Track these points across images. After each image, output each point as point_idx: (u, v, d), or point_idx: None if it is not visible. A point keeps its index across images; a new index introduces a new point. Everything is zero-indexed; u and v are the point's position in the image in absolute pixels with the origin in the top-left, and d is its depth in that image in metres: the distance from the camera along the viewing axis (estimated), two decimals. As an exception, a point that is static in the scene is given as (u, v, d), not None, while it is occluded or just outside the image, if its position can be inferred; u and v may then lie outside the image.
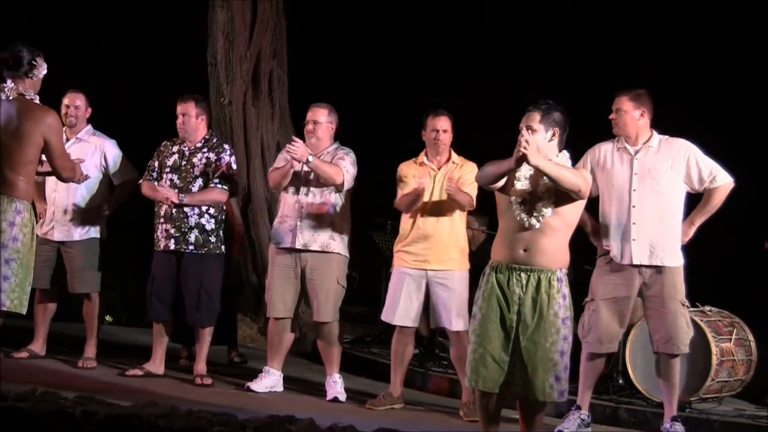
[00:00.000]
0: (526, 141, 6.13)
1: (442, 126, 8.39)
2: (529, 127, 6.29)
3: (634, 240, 7.71)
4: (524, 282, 6.31)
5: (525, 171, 6.37)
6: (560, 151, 6.42)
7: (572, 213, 6.41)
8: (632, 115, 7.82)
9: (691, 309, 8.85)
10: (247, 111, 11.67)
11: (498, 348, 6.31)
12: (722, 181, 7.76)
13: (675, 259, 7.75)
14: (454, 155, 8.46)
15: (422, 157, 8.47)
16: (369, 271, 11.29)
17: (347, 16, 12.86)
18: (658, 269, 7.71)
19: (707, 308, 8.99)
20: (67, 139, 8.89)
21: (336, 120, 8.70)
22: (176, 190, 8.67)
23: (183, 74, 11.84)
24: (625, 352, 8.76)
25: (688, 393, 8.52)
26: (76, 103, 9.08)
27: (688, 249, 8.05)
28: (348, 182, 8.49)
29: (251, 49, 11.58)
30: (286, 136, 11.20)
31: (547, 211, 6.29)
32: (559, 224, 6.37)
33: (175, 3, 12.55)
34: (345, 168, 8.46)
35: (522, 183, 6.35)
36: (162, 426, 4.79)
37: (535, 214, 6.29)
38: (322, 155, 8.55)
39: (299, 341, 10.68)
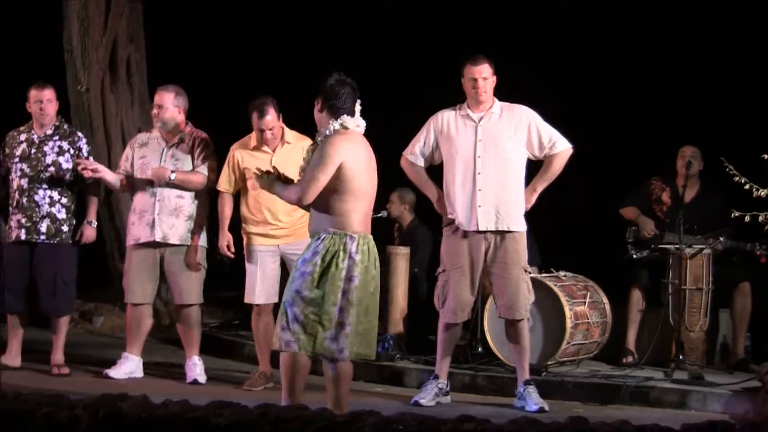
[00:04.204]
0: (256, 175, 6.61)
1: (267, 125, 8.30)
2: None
3: (480, 206, 7.78)
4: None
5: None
6: (336, 118, 6.56)
7: None
8: (492, 81, 7.90)
9: (546, 275, 9.06)
10: (106, 98, 11.53)
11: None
12: (561, 148, 7.90)
13: (520, 225, 7.88)
14: (287, 134, 8.42)
15: (255, 140, 8.44)
16: (239, 255, 11.26)
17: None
18: (503, 235, 7.82)
19: (561, 273, 9.17)
20: None
21: (184, 103, 8.64)
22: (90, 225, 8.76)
23: (35, 62, 11.68)
24: (483, 320, 8.89)
25: (545, 357, 8.71)
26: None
27: (541, 214, 8.20)
28: (212, 180, 8.57)
29: (107, 35, 11.43)
30: (146, 122, 11.10)
31: None
32: None
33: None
34: (207, 168, 8.54)
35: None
36: (-17, 409, 4.74)
37: None
38: (178, 142, 8.54)
39: (169, 327, 10.64)
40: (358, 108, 6.61)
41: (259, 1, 12.64)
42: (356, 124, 6.56)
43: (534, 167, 8.04)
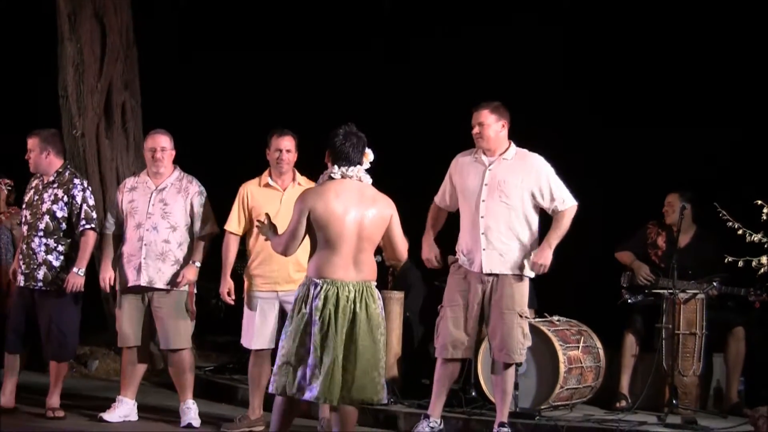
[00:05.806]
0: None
1: (285, 146, 8.40)
2: None
3: (483, 250, 7.83)
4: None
5: None
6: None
7: None
8: (495, 127, 7.94)
9: (539, 319, 9.07)
10: (101, 143, 11.57)
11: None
12: (569, 204, 7.95)
13: (520, 270, 7.89)
14: (298, 176, 8.50)
15: (266, 178, 8.49)
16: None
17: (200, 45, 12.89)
18: (502, 278, 7.84)
19: (555, 318, 9.20)
20: None
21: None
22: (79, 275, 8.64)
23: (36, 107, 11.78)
24: (477, 364, 8.90)
25: (539, 401, 8.72)
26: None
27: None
28: (214, 231, 8.74)
29: (102, 81, 11.49)
30: (141, 167, 11.10)
31: None
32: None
33: (23, 36, 12.48)
34: (210, 223, 8.69)
35: None
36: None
37: None
38: (167, 186, 8.59)
39: (164, 371, 10.59)
40: (367, 158, 6.71)
41: (255, 50, 12.72)
42: (343, 174, 6.63)
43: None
